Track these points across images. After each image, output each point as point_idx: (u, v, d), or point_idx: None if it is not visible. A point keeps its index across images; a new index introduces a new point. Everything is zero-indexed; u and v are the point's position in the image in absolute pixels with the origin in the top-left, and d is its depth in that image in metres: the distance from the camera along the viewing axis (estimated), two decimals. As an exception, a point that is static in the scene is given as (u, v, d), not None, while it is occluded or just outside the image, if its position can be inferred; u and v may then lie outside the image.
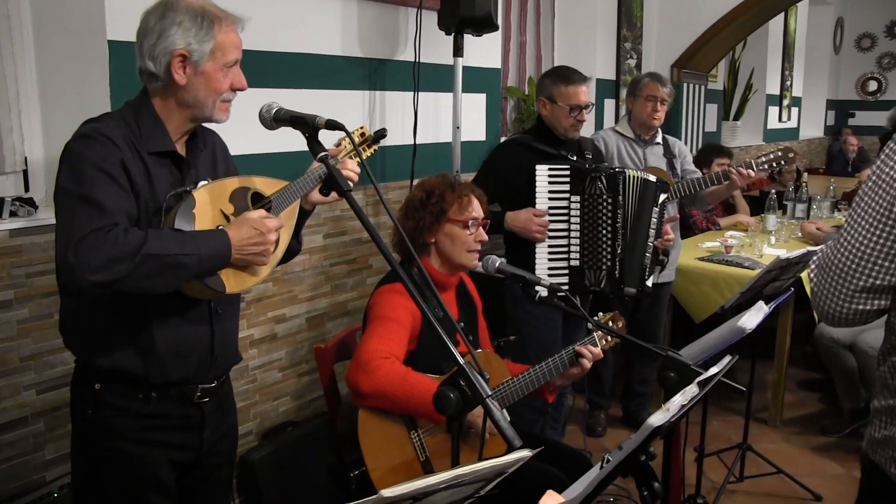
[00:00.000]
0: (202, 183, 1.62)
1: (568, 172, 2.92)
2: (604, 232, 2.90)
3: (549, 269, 2.94)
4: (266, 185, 1.70)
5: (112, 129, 1.55)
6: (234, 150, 2.54)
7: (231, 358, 1.84)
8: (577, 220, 2.92)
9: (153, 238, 1.46)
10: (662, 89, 3.49)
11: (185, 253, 1.47)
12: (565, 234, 2.93)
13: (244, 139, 2.56)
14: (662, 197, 2.96)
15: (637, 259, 2.94)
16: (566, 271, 2.96)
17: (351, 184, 1.75)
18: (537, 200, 2.91)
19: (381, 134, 1.87)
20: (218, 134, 1.85)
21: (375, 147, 1.93)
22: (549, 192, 2.92)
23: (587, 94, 3.02)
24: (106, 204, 1.47)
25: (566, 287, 2.94)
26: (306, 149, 1.72)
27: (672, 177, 3.49)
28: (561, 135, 3.02)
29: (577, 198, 2.91)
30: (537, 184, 2.91)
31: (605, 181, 2.87)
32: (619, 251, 2.90)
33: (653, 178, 2.93)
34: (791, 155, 3.23)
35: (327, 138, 1.74)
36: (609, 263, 2.91)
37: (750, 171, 3.22)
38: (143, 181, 1.57)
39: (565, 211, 2.92)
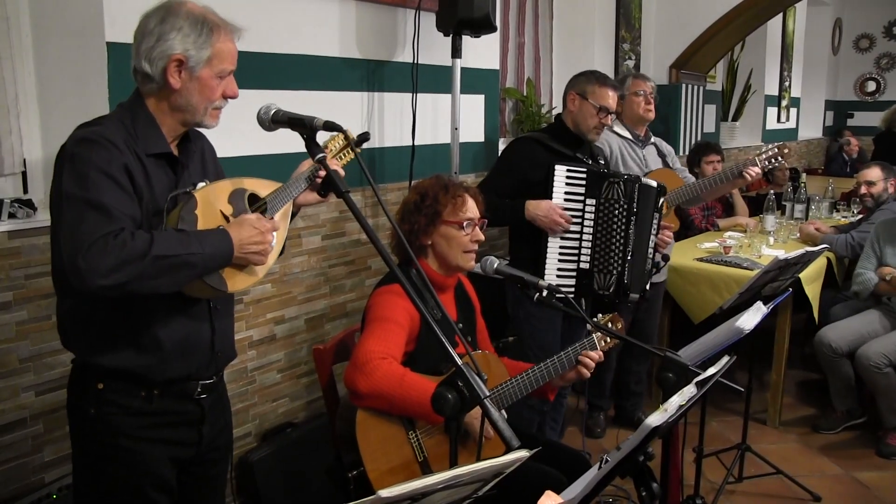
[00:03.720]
0: (201, 184, 1.65)
1: (584, 175, 2.92)
2: (617, 237, 2.90)
3: (559, 269, 2.94)
4: (260, 187, 1.73)
5: (113, 133, 1.58)
6: (232, 152, 2.56)
7: (229, 354, 1.87)
8: (591, 223, 2.92)
9: (159, 240, 1.49)
10: (648, 83, 3.56)
11: (190, 252, 1.50)
12: (577, 236, 2.93)
13: (242, 140, 2.57)
14: (661, 201, 2.97)
15: (641, 265, 2.97)
16: (574, 273, 2.96)
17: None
18: (553, 198, 2.90)
19: (365, 137, 1.87)
20: (206, 137, 1.86)
21: (359, 150, 1.90)
22: (566, 192, 2.91)
23: (616, 101, 3.05)
24: (112, 209, 1.50)
25: (573, 289, 2.96)
26: (304, 150, 1.72)
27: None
28: (582, 134, 3.03)
29: (593, 201, 2.91)
30: (555, 182, 2.90)
31: (623, 187, 2.88)
32: (628, 257, 2.92)
33: (654, 183, 2.96)
34: (786, 150, 3.43)
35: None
36: (619, 268, 2.92)
37: (755, 168, 3.36)
38: (143, 183, 1.60)
39: (579, 213, 2.92)
